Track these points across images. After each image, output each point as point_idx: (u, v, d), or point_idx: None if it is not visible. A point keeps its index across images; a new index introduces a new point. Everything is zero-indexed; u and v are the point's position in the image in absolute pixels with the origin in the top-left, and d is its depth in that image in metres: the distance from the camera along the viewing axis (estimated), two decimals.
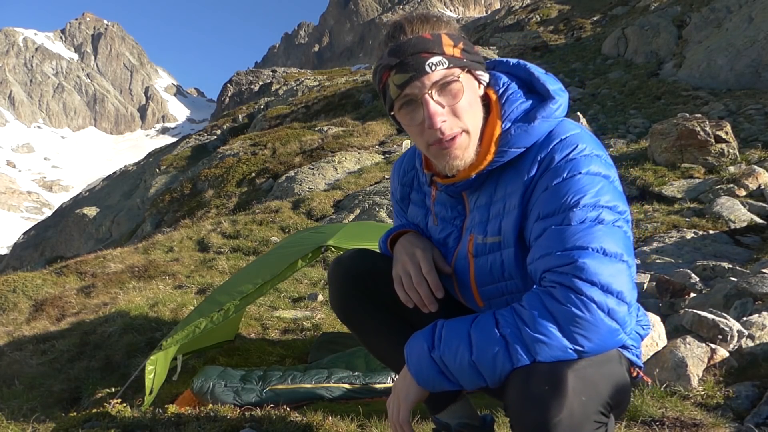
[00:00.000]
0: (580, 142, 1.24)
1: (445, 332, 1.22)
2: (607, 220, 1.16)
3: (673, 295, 3.52)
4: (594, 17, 27.62)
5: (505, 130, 1.30)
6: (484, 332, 1.16)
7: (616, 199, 1.20)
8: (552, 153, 1.25)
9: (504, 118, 1.31)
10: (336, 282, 1.57)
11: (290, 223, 9.20)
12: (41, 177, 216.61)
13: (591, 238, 1.14)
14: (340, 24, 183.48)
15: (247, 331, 4.37)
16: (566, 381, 1.07)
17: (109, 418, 2.47)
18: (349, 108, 21.97)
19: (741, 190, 6.35)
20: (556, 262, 1.15)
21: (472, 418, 1.63)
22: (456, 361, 1.18)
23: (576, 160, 1.22)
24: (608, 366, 1.16)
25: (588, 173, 1.20)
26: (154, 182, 24.44)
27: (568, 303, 1.10)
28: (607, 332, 1.10)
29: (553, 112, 1.30)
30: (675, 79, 16.69)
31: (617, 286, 1.11)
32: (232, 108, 45.34)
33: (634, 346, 1.37)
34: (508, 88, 1.34)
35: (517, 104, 1.32)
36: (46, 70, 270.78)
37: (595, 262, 1.12)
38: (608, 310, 1.10)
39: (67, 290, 6.94)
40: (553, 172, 1.23)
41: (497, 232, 1.32)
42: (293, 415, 2.38)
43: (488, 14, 79.85)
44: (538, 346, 1.10)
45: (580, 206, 1.17)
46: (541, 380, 1.09)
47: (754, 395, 2.27)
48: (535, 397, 1.08)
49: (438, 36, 1.25)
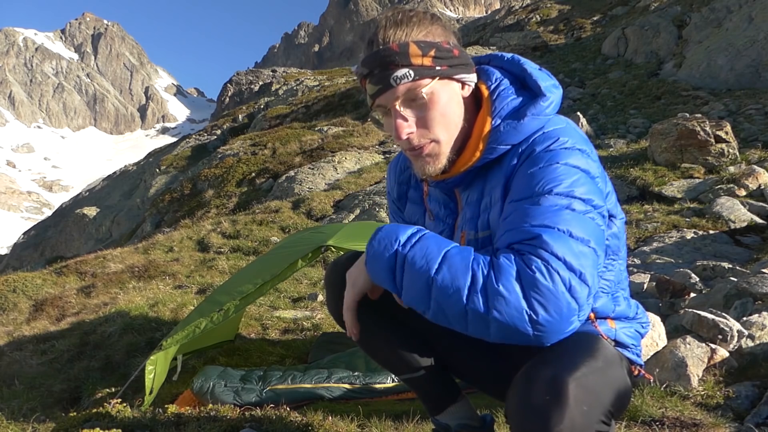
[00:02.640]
0: (561, 135, 1.24)
1: (424, 240, 1.18)
2: (578, 209, 1.15)
3: (673, 295, 3.52)
4: (594, 17, 27.63)
5: (494, 127, 1.29)
6: (457, 258, 1.13)
7: (591, 193, 1.18)
8: (533, 145, 1.24)
9: (494, 114, 1.30)
10: (333, 286, 1.56)
11: (290, 223, 9.20)
12: (41, 177, 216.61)
13: (558, 220, 1.13)
14: (340, 24, 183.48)
15: (247, 331, 4.37)
16: (567, 390, 1.06)
17: (109, 418, 2.47)
18: (349, 108, 21.97)
19: (741, 190, 6.35)
20: (521, 236, 1.14)
21: (471, 418, 1.63)
22: (414, 268, 1.14)
23: (555, 151, 1.21)
24: (610, 372, 1.15)
25: (566, 164, 1.19)
26: (154, 182, 24.44)
27: (534, 268, 1.08)
28: (565, 306, 1.07)
29: (544, 110, 1.29)
30: (675, 79, 16.69)
31: (580, 267, 1.09)
32: (232, 108, 45.33)
33: (634, 345, 1.36)
34: (500, 84, 1.33)
35: (508, 101, 1.31)
36: (46, 70, 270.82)
37: (560, 240, 1.11)
38: (570, 286, 1.08)
39: (67, 290, 6.94)
40: (531, 161, 1.22)
41: (487, 226, 1.32)
42: (293, 415, 2.38)
43: (488, 14, 79.82)
44: (497, 300, 1.08)
45: (553, 193, 1.16)
46: (542, 389, 1.07)
47: (754, 395, 2.27)
48: (536, 407, 1.06)
49: (405, 46, 1.23)
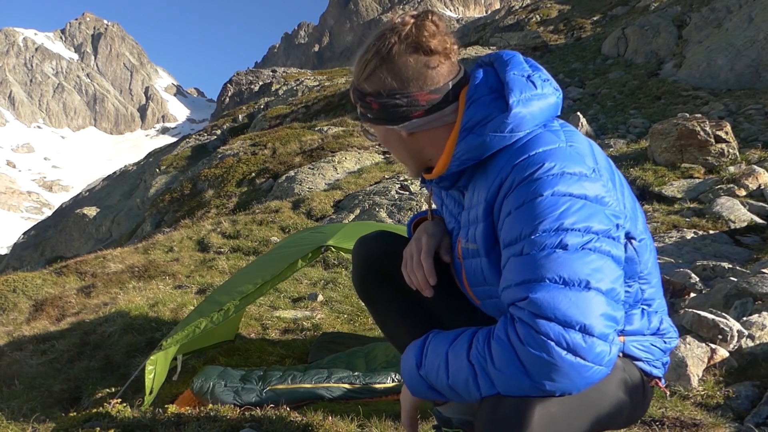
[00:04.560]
0: (548, 160, 1.14)
1: (430, 350, 1.23)
2: (572, 244, 1.07)
3: (673, 295, 3.52)
4: (594, 17, 27.62)
5: (459, 141, 1.28)
6: (458, 357, 1.15)
7: (588, 219, 1.09)
8: (514, 174, 1.17)
9: (462, 126, 1.28)
10: (358, 259, 1.64)
11: (290, 223, 9.20)
12: (41, 177, 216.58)
13: (547, 268, 1.06)
14: (340, 24, 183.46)
15: (247, 331, 4.37)
16: (531, 419, 1.04)
17: (109, 418, 2.47)
18: (349, 108, 21.95)
19: (741, 190, 6.35)
20: (514, 296, 1.09)
21: (473, 415, 1.64)
22: (438, 381, 1.19)
23: (540, 180, 1.12)
24: (589, 398, 1.11)
25: (553, 194, 1.10)
26: (154, 182, 24.44)
27: (527, 342, 1.03)
28: (571, 371, 1.01)
29: (507, 127, 1.21)
30: (675, 79, 16.69)
31: (581, 318, 1.02)
32: (232, 108, 45.33)
33: (650, 358, 1.32)
34: (476, 92, 1.29)
35: (474, 112, 1.27)
36: (46, 70, 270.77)
37: (550, 294, 1.04)
38: (571, 346, 1.01)
39: (67, 290, 6.93)
40: (514, 196, 1.15)
41: (474, 240, 1.32)
42: (293, 415, 2.38)
43: (488, 14, 79.82)
44: (501, 382, 1.07)
45: (539, 232, 1.08)
46: (508, 413, 1.06)
47: (754, 395, 2.27)
48: (500, 427, 1.07)
49: (354, 92, 1.38)
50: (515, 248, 1.12)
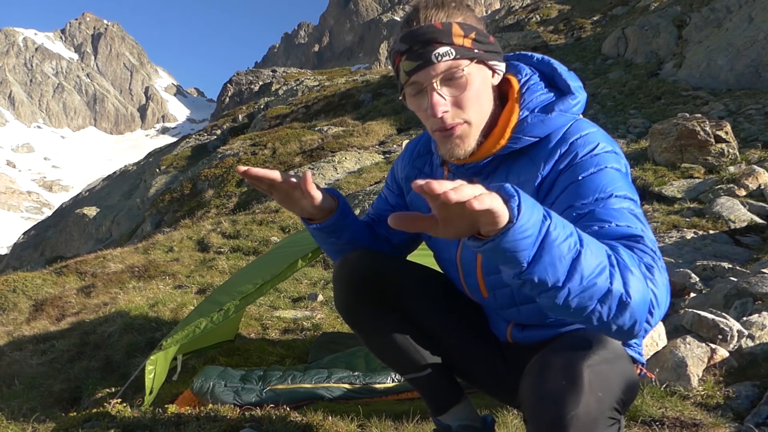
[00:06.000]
0: (600, 140, 1.27)
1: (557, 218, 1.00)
2: (636, 212, 1.18)
3: (673, 295, 3.52)
4: (594, 17, 27.61)
5: (522, 118, 1.32)
6: (594, 242, 1.03)
7: (634, 193, 1.23)
8: (574, 148, 1.26)
9: (523, 106, 1.33)
10: (341, 282, 1.54)
11: (290, 223, 9.19)
12: (41, 177, 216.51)
13: (635, 224, 1.14)
14: (340, 24, 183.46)
15: (247, 331, 4.37)
16: (583, 376, 1.06)
17: (109, 418, 2.47)
18: (349, 108, 21.97)
19: (741, 190, 6.35)
20: (617, 234, 1.12)
21: (473, 420, 1.64)
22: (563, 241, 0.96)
23: (600, 155, 1.25)
24: (620, 363, 1.16)
25: (613, 168, 1.23)
26: (154, 182, 24.45)
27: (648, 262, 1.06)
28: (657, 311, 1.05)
29: (571, 107, 1.32)
30: (675, 79, 16.69)
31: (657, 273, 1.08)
32: (232, 108, 45.33)
33: (636, 344, 1.37)
34: (531, 79, 1.37)
35: (537, 95, 1.34)
36: (46, 70, 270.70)
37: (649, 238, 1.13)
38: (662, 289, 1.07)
39: (67, 290, 6.94)
40: (578, 167, 1.24)
41: None
42: (293, 415, 2.38)
43: (488, 14, 79.80)
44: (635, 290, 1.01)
45: (614, 196, 1.18)
46: (558, 374, 1.08)
47: (754, 395, 2.27)
48: (551, 392, 1.07)
49: (449, 26, 1.25)
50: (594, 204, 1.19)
